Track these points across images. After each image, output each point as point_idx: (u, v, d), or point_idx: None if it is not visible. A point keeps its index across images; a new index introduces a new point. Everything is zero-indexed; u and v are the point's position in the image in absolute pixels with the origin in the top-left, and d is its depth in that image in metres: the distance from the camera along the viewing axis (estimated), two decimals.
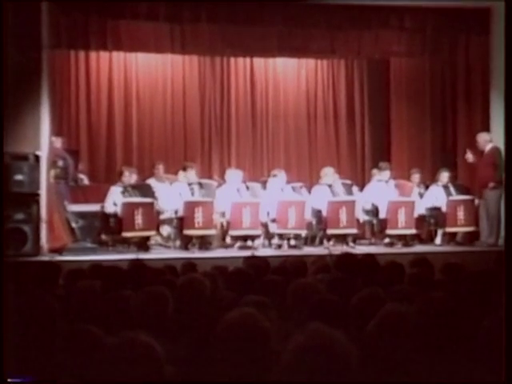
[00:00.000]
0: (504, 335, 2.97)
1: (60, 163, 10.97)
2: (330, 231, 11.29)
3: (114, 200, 10.82)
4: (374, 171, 12.61)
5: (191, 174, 11.36)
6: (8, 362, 3.14)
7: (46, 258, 9.11)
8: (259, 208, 11.01)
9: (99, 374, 2.35)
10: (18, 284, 4.99)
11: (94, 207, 11.16)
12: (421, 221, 11.82)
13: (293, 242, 11.18)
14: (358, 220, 11.52)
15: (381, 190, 11.77)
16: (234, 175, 11.65)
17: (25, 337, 3.35)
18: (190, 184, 11.15)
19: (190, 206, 10.70)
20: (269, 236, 11.31)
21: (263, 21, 11.81)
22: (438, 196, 11.80)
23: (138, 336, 2.40)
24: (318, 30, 12.02)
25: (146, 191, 11.17)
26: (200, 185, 11.22)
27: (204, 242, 10.83)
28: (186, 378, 3.02)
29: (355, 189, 11.92)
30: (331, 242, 11.31)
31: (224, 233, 11.33)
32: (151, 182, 11.84)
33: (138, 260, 6.40)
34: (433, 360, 3.13)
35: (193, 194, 11.07)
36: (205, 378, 3.01)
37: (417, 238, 11.78)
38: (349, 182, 12.06)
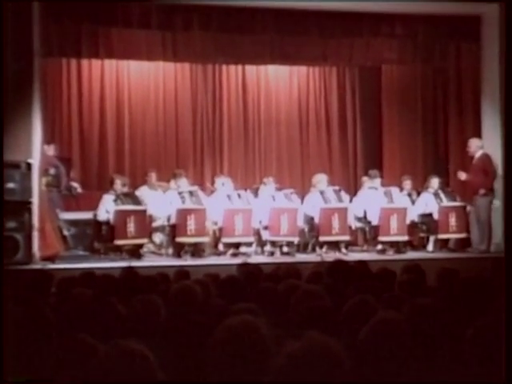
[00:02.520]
0: (504, 337, 2.98)
1: (52, 171, 10.95)
2: (322, 238, 11.30)
3: (107, 208, 10.81)
4: (364, 179, 12.62)
5: (181, 182, 11.36)
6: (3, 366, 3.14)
7: (38, 266, 9.09)
8: (251, 215, 11.01)
9: (91, 382, 2.35)
10: (10, 292, 4.98)
11: (86, 215, 11.17)
12: (413, 227, 11.85)
13: (285, 249, 11.19)
14: (350, 227, 11.54)
15: (372, 198, 11.79)
16: (224, 183, 11.65)
17: (16, 345, 3.34)
18: (180, 193, 11.13)
19: (183, 214, 10.70)
20: (261, 243, 11.32)
21: (255, 28, 11.84)
22: (428, 203, 11.83)
23: (130, 344, 2.39)
24: (310, 38, 12.06)
25: (139, 199, 11.16)
26: (190, 193, 11.22)
27: (196, 250, 10.83)
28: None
29: (344, 194, 11.91)
30: (324, 249, 11.32)
31: (216, 240, 11.34)
32: (143, 189, 11.84)
33: (130, 268, 6.39)
34: (426, 367, 3.13)
35: (183, 202, 11.06)
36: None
37: (409, 245, 11.81)
38: (337, 187, 12.04)
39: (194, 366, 3.14)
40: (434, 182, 11.99)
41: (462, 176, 11.70)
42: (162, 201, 11.26)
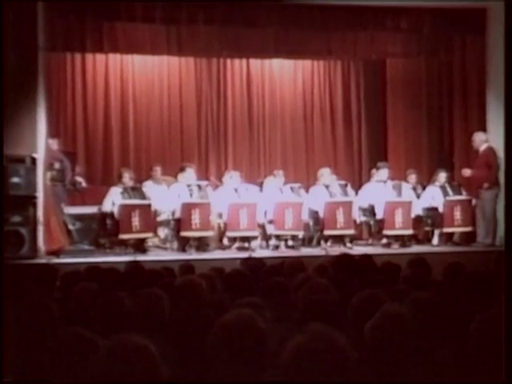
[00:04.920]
0: (504, 335, 2.98)
1: (57, 165, 10.96)
2: (327, 232, 11.30)
3: (113, 200, 10.82)
4: (373, 171, 12.56)
5: (190, 174, 11.35)
6: (5, 362, 3.14)
7: (43, 261, 9.12)
8: (256, 209, 11.01)
9: (95, 376, 2.34)
10: (16, 286, 4.99)
11: (91, 209, 11.17)
12: (418, 221, 11.82)
13: (290, 243, 11.19)
14: (355, 221, 11.53)
15: (378, 191, 11.76)
16: (231, 176, 11.66)
17: (21, 338, 3.35)
18: (188, 185, 11.14)
19: (187, 208, 10.70)
20: (266, 237, 11.32)
21: (259, 22, 11.81)
22: (434, 196, 11.81)
23: (134, 338, 2.39)
24: (315, 32, 12.03)
25: (145, 194, 11.17)
26: (199, 186, 11.23)
27: (201, 244, 10.84)
28: (183, 379, 3.02)
29: (350, 189, 11.91)
30: (328, 243, 11.32)
31: (221, 234, 11.34)
32: (148, 184, 11.84)
33: (135, 262, 6.40)
34: (431, 360, 3.13)
35: (191, 195, 11.06)
36: (201, 380, 3.01)
37: (414, 239, 11.79)
38: (343, 182, 12.05)
39: (197, 360, 3.14)
40: (442, 175, 11.96)
41: (467, 173, 11.68)
42: (167, 195, 11.27)
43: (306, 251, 10.98)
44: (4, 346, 3.24)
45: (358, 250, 10.63)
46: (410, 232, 11.51)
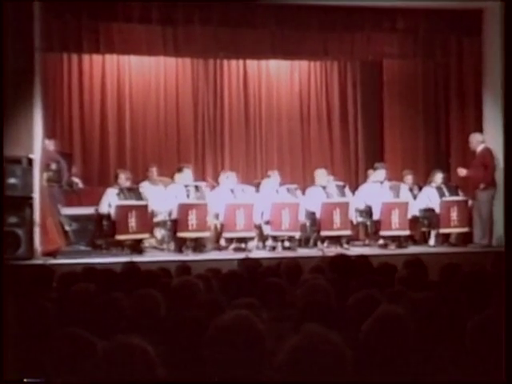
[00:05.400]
0: (504, 334, 2.98)
1: (53, 166, 10.95)
2: (323, 233, 11.30)
3: (110, 201, 10.82)
4: (370, 172, 12.57)
5: (187, 174, 11.34)
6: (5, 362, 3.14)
7: (39, 262, 9.11)
8: (253, 210, 11.01)
9: (93, 377, 2.34)
10: (12, 287, 4.98)
11: (87, 210, 11.17)
12: (414, 222, 11.83)
13: (287, 244, 11.18)
14: (351, 221, 11.53)
15: (375, 191, 11.77)
16: (228, 177, 11.66)
17: (18, 339, 3.35)
18: (186, 186, 11.14)
19: (184, 209, 10.70)
20: (263, 238, 11.31)
21: (256, 23, 11.82)
22: (431, 197, 11.81)
23: (131, 339, 2.39)
24: (311, 32, 12.03)
25: (142, 195, 11.17)
26: (196, 187, 11.22)
27: (198, 245, 10.83)
28: (179, 380, 3.02)
29: (348, 190, 11.92)
30: (325, 244, 11.32)
31: (218, 235, 11.33)
32: (145, 184, 11.84)
33: (131, 263, 6.39)
34: (428, 360, 3.13)
35: (188, 195, 11.05)
36: (198, 381, 3.01)
37: (410, 240, 11.80)
38: (341, 183, 12.07)
39: (193, 360, 3.14)
40: (438, 176, 11.97)
41: (462, 172, 11.70)
42: (163, 195, 11.26)
43: (302, 252, 10.97)
44: (4, 346, 3.24)
45: (354, 250, 10.64)
46: (406, 233, 11.52)
